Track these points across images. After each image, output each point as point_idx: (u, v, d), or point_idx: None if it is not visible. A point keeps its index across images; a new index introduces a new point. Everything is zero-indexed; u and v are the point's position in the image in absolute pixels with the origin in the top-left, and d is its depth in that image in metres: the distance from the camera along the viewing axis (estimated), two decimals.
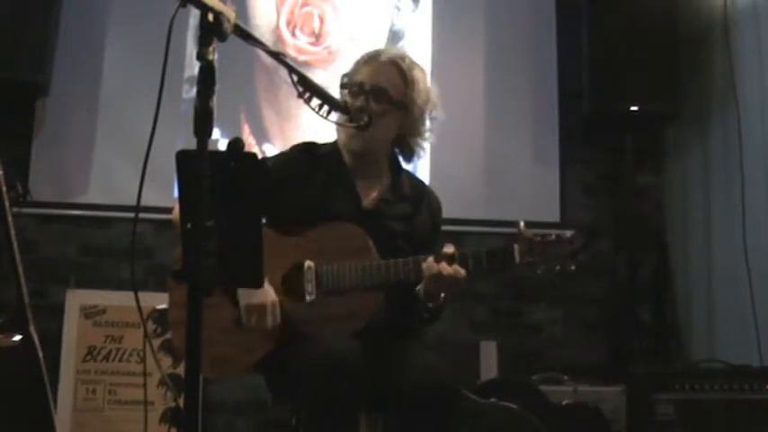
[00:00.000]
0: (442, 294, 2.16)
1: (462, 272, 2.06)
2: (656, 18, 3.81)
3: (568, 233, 2.14)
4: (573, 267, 2.09)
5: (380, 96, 2.23)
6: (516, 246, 2.08)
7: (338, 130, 2.27)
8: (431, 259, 2.07)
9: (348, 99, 2.21)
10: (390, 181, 2.35)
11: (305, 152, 2.34)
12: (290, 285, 2.14)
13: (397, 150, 2.38)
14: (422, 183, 2.49)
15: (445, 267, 2.05)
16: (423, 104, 2.30)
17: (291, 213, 2.20)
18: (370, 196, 2.30)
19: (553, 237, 2.11)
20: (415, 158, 2.41)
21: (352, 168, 2.30)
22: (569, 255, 2.09)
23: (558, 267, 2.09)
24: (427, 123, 2.36)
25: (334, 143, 2.35)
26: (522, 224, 2.09)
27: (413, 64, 2.32)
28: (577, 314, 4.14)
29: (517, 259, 2.08)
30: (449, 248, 2.10)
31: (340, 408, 1.94)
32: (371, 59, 2.29)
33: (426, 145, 2.39)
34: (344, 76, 2.30)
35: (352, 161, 2.30)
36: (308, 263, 2.12)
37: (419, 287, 2.14)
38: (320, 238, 2.16)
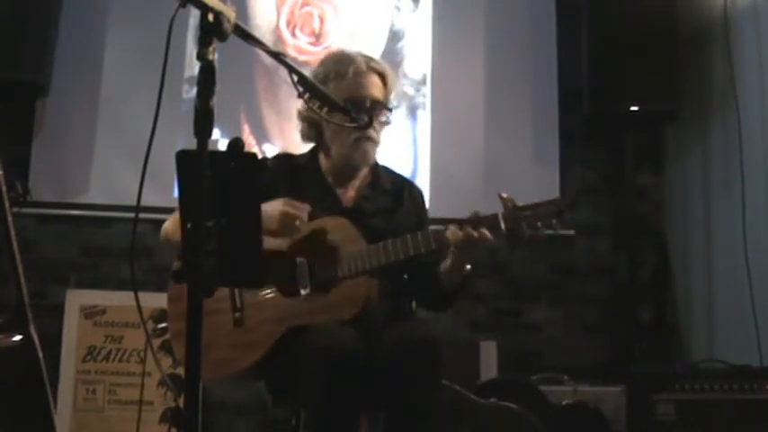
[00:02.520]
0: (467, 267, 2.18)
1: (488, 235, 2.07)
2: (656, 18, 3.81)
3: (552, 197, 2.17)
4: (556, 224, 2.10)
5: (379, 109, 2.30)
6: (501, 214, 2.11)
7: (340, 146, 2.29)
8: (453, 227, 2.09)
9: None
10: (369, 177, 2.37)
11: (283, 163, 2.38)
12: (284, 283, 2.15)
13: None
14: (401, 176, 2.51)
15: (471, 231, 2.07)
16: (397, 96, 2.43)
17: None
18: (350, 195, 2.34)
19: (536, 200, 2.13)
20: None
21: (329, 174, 2.34)
22: (554, 214, 2.10)
23: (543, 230, 2.10)
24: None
25: (310, 152, 2.40)
26: (504, 194, 2.12)
27: (384, 65, 2.37)
28: (577, 314, 4.14)
29: (503, 226, 2.09)
30: (471, 216, 2.11)
31: (343, 397, 1.95)
32: (356, 73, 2.29)
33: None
34: (316, 81, 2.28)
35: (331, 167, 2.34)
36: (299, 258, 2.14)
37: (442, 264, 2.17)
38: (309, 235, 2.16)
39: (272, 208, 2.08)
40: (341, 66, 2.30)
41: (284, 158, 2.42)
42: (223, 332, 2.09)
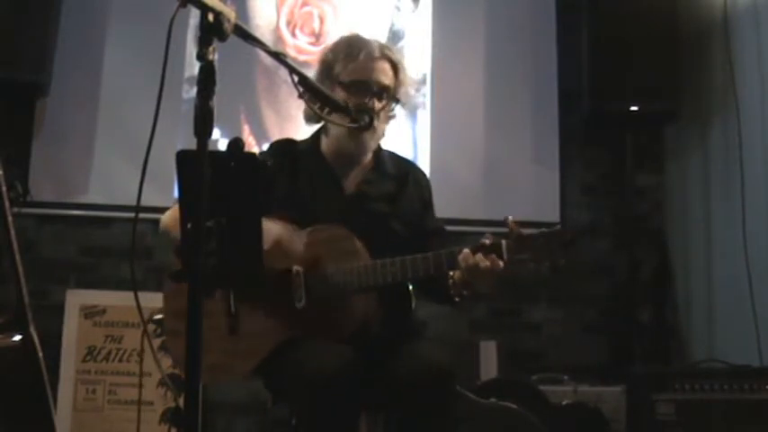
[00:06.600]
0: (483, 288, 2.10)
1: (500, 263, 1.98)
2: (656, 18, 3.81)
3: (558, 227, 2.07)
4: (563, 262, 2.02)
5: (384, 95, 2.24)
6: (504, 242, 2.01)
7: (336, 132, 2.26)
8: (466, 250, 2.01)
9: (350, 97, 2.19)
10: (372, 162, 2.32)
11: (285, 150, 2.32)
12: (280, 290, 2.09)
13: None
14: (406, 160, 2.47)
15: (482, 259, 1.98)
16: (406, 92, 2.32)
17: (278, 211, 2.16)
18: (352, 181, 2.28)
19: (543, 230, 2.04)
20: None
21: (331, 160, 2.29)
22: (559, 249, 2.01)
23: (547, 263, 2.02)
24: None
25: (312, 138, 2.35)
26: (510, 219, 2.02)
27: (396, 53, 2.33)
28: (577, 314, 4.13)
29: (506, 256, 2.00)
30: (487, 239, 2.02)
31: (337, 419, 1.92)
32: (368, 56, 2.24)
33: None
34: (329, 68, 2.25)
35: (332, 149, 2.29)
36: (295, 268, 2.07)
37: (453, 273, 2.09)
38: (308, 242, 2.11)
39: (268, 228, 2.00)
40: (353, 48, 2.26)
41: (285, 144, 2.35)
42: (216, 336, 2.02)
